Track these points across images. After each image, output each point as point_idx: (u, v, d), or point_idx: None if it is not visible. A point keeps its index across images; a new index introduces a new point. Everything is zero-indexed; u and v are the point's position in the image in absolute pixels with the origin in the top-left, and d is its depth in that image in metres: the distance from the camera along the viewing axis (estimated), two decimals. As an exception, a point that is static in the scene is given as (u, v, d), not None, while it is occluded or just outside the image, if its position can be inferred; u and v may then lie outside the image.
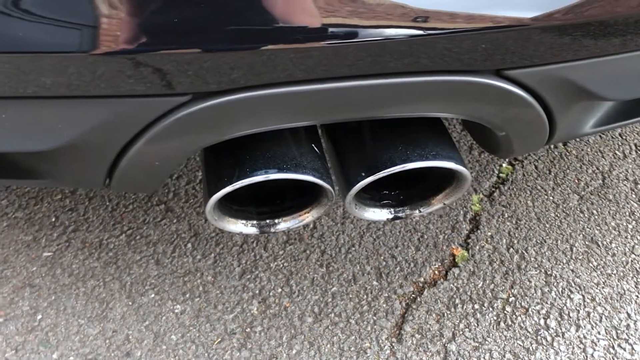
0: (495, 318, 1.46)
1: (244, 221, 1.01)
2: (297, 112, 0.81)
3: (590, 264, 1.57)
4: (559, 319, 1.46)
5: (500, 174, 1.81)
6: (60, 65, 0.73)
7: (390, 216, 1.06)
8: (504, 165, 1.83)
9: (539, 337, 1.42)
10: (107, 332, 1.43)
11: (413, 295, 1.51)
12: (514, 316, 1.46)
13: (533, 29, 0.80)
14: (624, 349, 1.40)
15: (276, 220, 1.04)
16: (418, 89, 0.84)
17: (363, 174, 0.93)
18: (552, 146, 1.89)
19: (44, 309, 1.47)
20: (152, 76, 0.76)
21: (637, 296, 1.50)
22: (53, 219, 1.67)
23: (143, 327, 1.44)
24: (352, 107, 0.84)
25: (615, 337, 1.42)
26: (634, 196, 1.74)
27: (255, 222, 1.03)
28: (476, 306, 1.48)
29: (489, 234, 1.64)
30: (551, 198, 1.73)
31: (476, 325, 1.44)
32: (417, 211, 1.06)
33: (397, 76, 0.82)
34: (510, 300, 1.49)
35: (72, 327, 1.43)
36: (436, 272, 1.56)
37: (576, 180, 1.79)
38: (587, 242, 1.62)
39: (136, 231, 1.64)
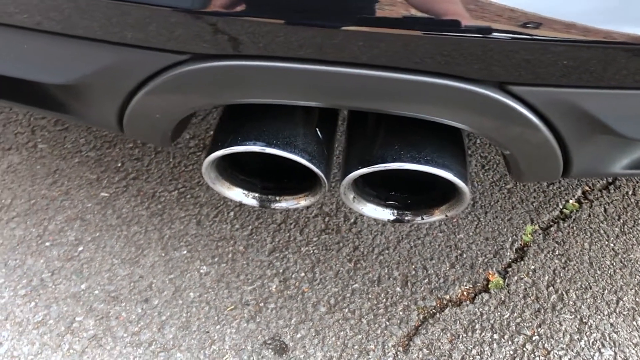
0: (511, 352, 1.39)
1: (245, 191, 1.04)
2: (286, 90, 0.82)
3: (634, 323, 1.45)
4: (581, 370, 1.37)
5: (564, 210, 1.71)
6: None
7: (392, 217, 1.04)
8: (570, 201, 1.73)
9: (552, 383, 1.34)
10: (134, 276, 1.51)
11: (433, 311, 1.47)
12: (532, 355, 1.38)
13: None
14: (643, 419, 1.29)
15: (277, 198, 1.05)
16: (417, 89, 0.82)
17: (359, 167, 0.92)
18: (629, 192, 1.76)
19: (86, 242, 1.58)
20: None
21: (677, 368, 1.37)
22: (119, 164, 1.78)
23: (167, 279, 1.50)
24: (348, 95, 0.83)
25: (638, 404, 1.31)
26: None
27: (257, 194, 1.05)
28: (495, 336, 1.42)
29: (532, 267, 1.56)
30: (612, 245, 1.62)
31: (489, 354, 1.38)
32: (419, 218, 1.03)
33: (400, 72, 0.81)
34: (533, 338, 1.42)
35: (105, 265, 1.53)
36: (465, 293, 1.51)
37: (645, 233, 1.65)
38: (637, 299, 1.50)
39: (188, 190, 1.71)
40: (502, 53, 0.77)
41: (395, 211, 1.05)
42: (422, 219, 1.03)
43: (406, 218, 1.04)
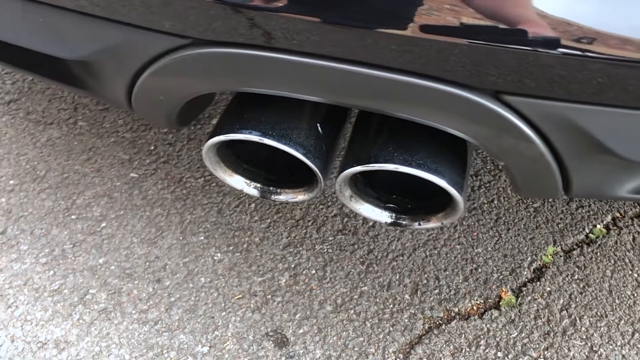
0: (514, 372, 1.36)
1: (247, 180, 1.06)
2: (281, 82, 0.83)
3: (648, 357, 1.40)
4: (584, 398, 1.33)
5: (590, 235, 1.66)
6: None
7: (389, 220, 1.04)
8: (598, 226, 1.68)
9: (551, 408, 1.31)
10: (150, 256, 1.55)
11: (439, 322, 1.46)
12: (535, 378, 1.36)
13: None
14: None
15: (279, 190, 1.06)
16: (412, 92, 0.82)
17: (354, 165, 0.92)
18: (661, 223, 1.70)
19: (110, 219, 1.63)
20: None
21: (686, 408, 1.32)
22: (152, 147, 1.83)
23: (181, 262, 1.54)
24: (343, 90, 0.84)
25: None
26: None
27: (259, 185, 1.07)
28: (499, 354, 1.39)
29: (548, 289, 1.52)
30: (635, 275, 1.56)
31: (491, 372, 1.36)
32: (416, 223, 1.03)
33: (397, 73, 0.81)
34: (538, 361, 1.39)
35: (125, 242, 1.58)
36: (474, 307, 1.49)
37: (673, 266, 1.59)
38: (654, 333, 1.45)
39: (214, 179, 1.75)
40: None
41: (393, 214, 1.04)
42: (419, 224, 1.03)
43: (403, 222, 1.04)
